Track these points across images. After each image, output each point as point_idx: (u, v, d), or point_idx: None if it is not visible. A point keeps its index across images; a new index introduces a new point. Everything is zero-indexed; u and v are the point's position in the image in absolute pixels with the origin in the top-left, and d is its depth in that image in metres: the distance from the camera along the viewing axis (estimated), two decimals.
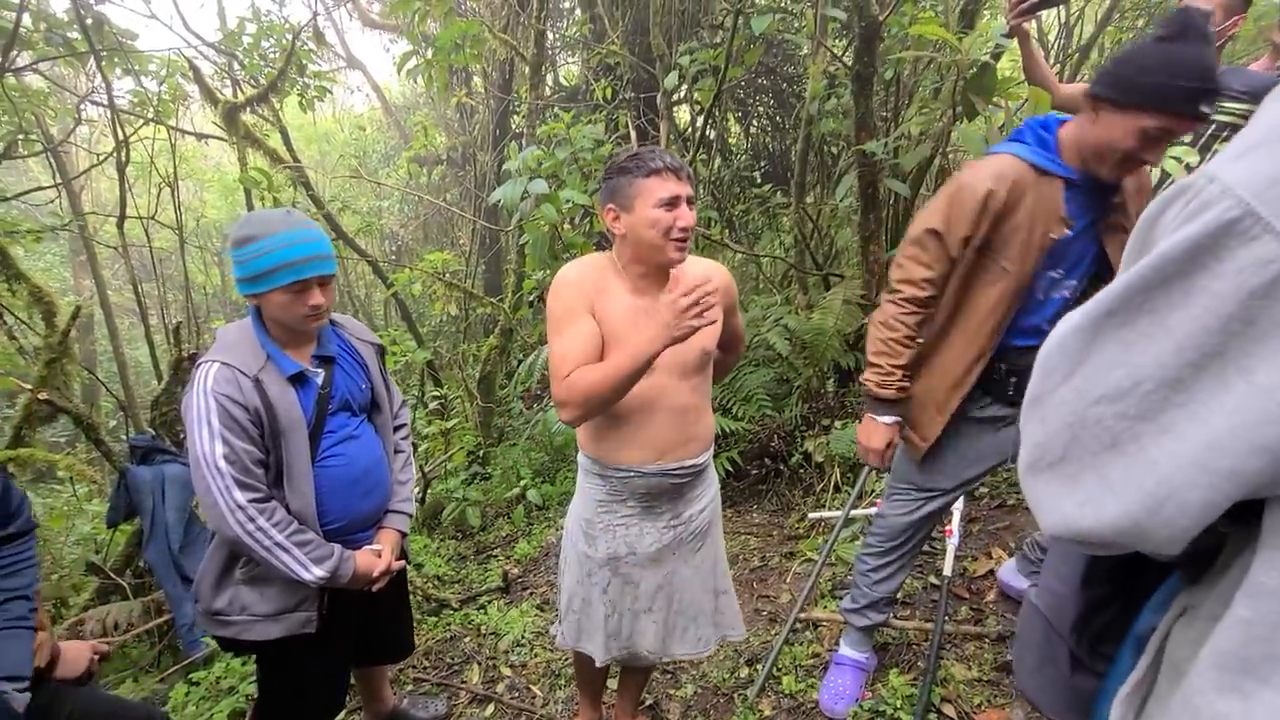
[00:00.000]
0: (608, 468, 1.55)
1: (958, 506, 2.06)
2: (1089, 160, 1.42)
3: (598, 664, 1.68)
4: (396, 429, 1.76)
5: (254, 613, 1.48)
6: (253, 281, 1.42)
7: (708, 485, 1.68)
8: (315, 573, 1.44)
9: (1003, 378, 1.64)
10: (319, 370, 1.53)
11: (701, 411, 1.57)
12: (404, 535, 1.73)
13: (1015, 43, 2.19)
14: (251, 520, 1.38)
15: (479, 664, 2.57)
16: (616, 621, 1.64)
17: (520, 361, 4.52)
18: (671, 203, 1.39)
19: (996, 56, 2.47)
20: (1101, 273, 1.57)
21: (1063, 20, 4.59)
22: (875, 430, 1.71)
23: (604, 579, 1.62)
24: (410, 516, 1.75)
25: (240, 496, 1.38)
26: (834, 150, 4.90)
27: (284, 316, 1.46)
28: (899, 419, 1.72)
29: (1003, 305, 1.54)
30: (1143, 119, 1.27)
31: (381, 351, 1.74)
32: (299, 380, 1.48)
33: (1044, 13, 2.10)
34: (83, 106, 5.13)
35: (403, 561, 1.75)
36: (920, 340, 1.66)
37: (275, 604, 1.49)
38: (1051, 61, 4.55)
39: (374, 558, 1.59)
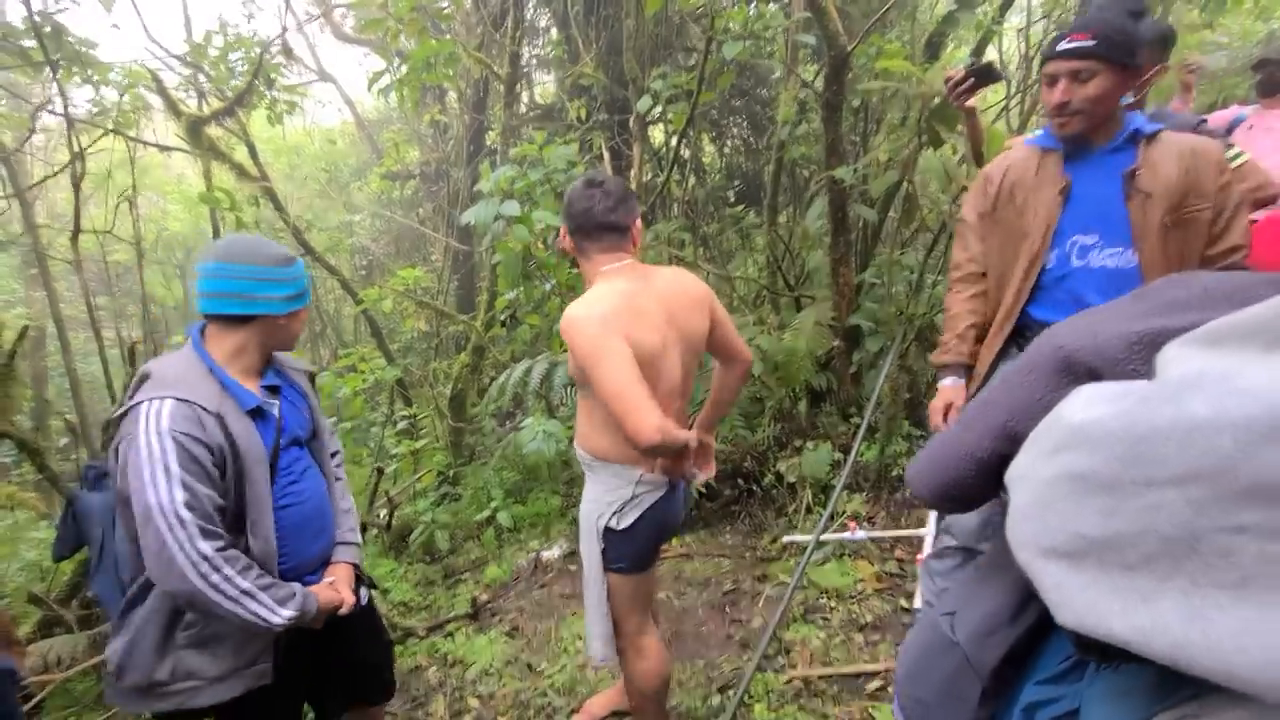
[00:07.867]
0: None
1: (929, 533, 2.09)
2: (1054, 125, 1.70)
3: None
4: (332, 455, 1.71)
5: (203, 677, 1.37)
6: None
7: None
8: (284, 615, 1.35)
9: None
10: (274, 401, 1.47)
11: None
12: (356, 567, 1.64)
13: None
14: (217, 570, 1.27)
15: (444, 695, 2.49)
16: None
17: (493, 380, 4.46)
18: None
19: None
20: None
21: (1023, 53, 4.77)
22: (937, 394, 1.94)
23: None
24: (359, 546, 1.68)
25: (205, 547, 1.26)
26: (805, 173, 4.98)
27: (286, 338, 1.48)
28: (956, 380, 1.91)
29: (1025, 262, 1.76)
30: (1044, 72, 1.66)
31: (312, 378, 1.69)
32: (257, 414, 1.41)
33: (1004, 47, 2.18)
34: (38, 116, 4.97)
35: (365, 592, 1.68)
36: (977, 313, 1.91)
37: (228, 663, 1.39)
38: (1012, 91, 4.71)
39: (333, 591, 1.53)
